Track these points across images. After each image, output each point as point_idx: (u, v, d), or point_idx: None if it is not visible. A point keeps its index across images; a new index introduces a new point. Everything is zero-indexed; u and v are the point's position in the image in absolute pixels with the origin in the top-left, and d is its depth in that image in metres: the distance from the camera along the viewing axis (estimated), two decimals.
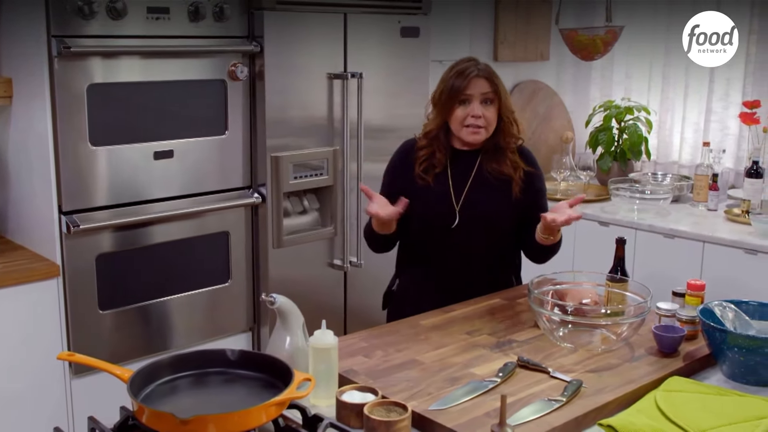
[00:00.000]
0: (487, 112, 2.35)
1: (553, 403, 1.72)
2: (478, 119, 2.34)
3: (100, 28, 2.70)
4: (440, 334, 2.13)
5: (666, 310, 2.15)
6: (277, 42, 3.11)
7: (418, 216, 2.43)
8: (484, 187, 2.39)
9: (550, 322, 2.07)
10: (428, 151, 2.42)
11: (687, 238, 3.43)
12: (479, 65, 2.37)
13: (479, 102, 2.34)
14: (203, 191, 3.08)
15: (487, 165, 2.41)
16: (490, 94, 2.35)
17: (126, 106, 2.83)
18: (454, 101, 2.35)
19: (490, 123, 2.36)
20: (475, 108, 2.34)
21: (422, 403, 1.71)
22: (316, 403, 1.77)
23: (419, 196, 2.41)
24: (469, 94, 2.33)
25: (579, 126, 4.43)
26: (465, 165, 2.43)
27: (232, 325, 3.24)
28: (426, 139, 2.44)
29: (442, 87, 2.38)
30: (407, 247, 2.54)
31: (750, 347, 1.89)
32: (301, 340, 1.85)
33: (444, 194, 2.41)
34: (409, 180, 2.44)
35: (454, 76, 2.35)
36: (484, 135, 2.37)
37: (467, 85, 2.33)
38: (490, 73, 2.36)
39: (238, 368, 1.74)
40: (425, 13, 3.59)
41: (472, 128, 2.35)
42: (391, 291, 2.58)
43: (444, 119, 2.40)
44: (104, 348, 2.86)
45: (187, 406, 1.61)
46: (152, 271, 2.99)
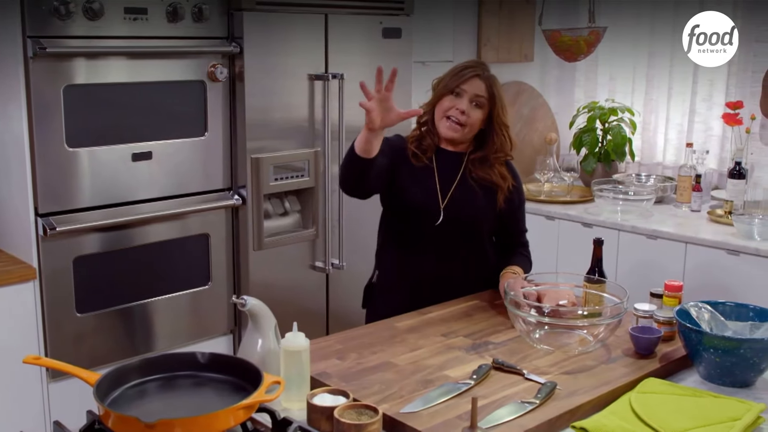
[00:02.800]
0: (472, 113, 2.35)
1: (526, 405, 1.71)
2: (461, 115, 2.34)
3: (76, 29, 2.68)
4: (416, 336, 2.11)
5: (643, 311, 2.14)
6: (257, 43, 3.09)
7: (403, 210, 2.43)
8: (469, 189, 2.40)
9: (526, 324, 2.06)
10: (418, 135, 2.44)
11: (669, 239, 3.42)
12: (485, 70, 2.39)
13: (469, 100, 2.34)
14: (183, 193, 3.05)
15: (475, 172, 2.41)
16: (482, 99, 2.35)
17: (103, 108, 2.80)
18: (448, 91, 2.36)
19: (471, 124, 2.37)
20: (463, 103, 2.34)
21: (394, 406, 1.69)
22: (288, 406, 1.75)
23: (405, 187, 2.40)
24: (463, 89, 2.35)
25: (563, 127, 4.42)
26: (451, 165, 2.43)
27: (213, 327, 3.22)
28: (418, 126, 2.46)
29: (443, 76, 2.41)
30: (388, 242, 2.53)
31: (726, 348, 1.88)
32: (273, 343, 1.83)
33: (430, 191, 2.40)
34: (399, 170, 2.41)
35: (457, 70, 2.38)
36: (461, 132, 2.37)
37: (465, 81, 2.35)
38: (492, 81, 2.38)
39: (207, 371, 1.72)
40: (407, 14, 3.57)
41: (452, 121, 2.36)
42: (372, 284, 2.57)
43: (434, 105, 2.41)
44: (82, 351, 2.84)
45: (155, 409, 1.59)
46: (131, 273, 2.96)
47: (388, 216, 2.50)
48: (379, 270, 2.56)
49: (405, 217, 2.44)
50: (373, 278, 2.59)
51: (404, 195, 2.41)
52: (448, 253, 2.43)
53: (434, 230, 2.39)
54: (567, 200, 3.96)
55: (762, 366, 1.90)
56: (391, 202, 2.46)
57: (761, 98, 3.79)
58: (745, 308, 2.05)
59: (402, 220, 2.45)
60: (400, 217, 2.45)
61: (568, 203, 3.93)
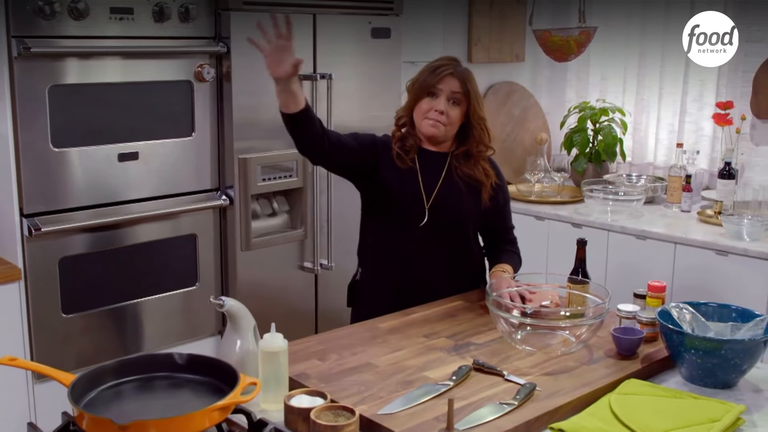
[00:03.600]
0: (451, 111, 2.35)
1: (504, 406, 1.70)
2: (440, 115, 2.34)
3: (61, 29, 2.68)
4: (398, 337, 2.10)
5: (626, 312, 2.13)
6: (245, 43, 3.03)
7: (387, 211, 2.43)
8: (454, 189, 2.39)
9: (508, 325, 2.05)
10: (401, 136, 2.44)
11: (659, 239, 3.41)
12: (458, 66, 2.39)
13: (446, 98, 2.35)
14: (170, 193, 3.05)
15: (459, 169, 2.41)
16: (458, 95, 2.35)
17: (89, 108, 2.80)
18: (424, 92, 2.36)
19: (451, 122, 2.37)
20: (441, 103, 2.34)
21: (372, 407, 1.69)
22: (266, 407, 1.74)
23: (389, 189, 2.40)
24: (439, 88, 2.34)
25: (554, 128, 4.42)
26: (434, 165, 2.42)
27: (200, 328, 3.21)
28: (398, 128, 2.46)
29: (417, 77, 2.41)
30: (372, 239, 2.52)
31: (707, 349, 1.87)
32: (252, 344, 1.82)
33: (414, 192, 2.40)
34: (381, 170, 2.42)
35: (430, 69, 2.37)
36: (442, 131, 2.37)
37: (440, 80, 2.34)
38: (466, 76, 2.37)
39: (185, 372, 1.72)
40: (397, 14, 3.57)
41: (432, 121, 2.36)
42: (355, 281, 2.57)
43: (412, 107, 2.41)
44: (68, 352, 2.84)
45: (131, 411, 1.59)
46: (118, 274, 2.96)
47: (372, 216, 2.49)
48: (363, 268, 2.55)
49: (390, 218, 2.43)
50: (356, 276, 2.58)
51: (389, 196, 2.40)
52: (433, 253, 2.42)
53: (419, 231, 2.38)
54: (557, 200, 3.95)
55: (743, 367, 1.89)
56: (375, 203, 2.46)
57: (751, 98, 3.78)
58: (727, 309, 2.05)
59: (387, 221, 2.44)
60: (385, 218, 2.44)
61: (558, 203, 3.92)
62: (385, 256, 2.47)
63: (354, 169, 2.43)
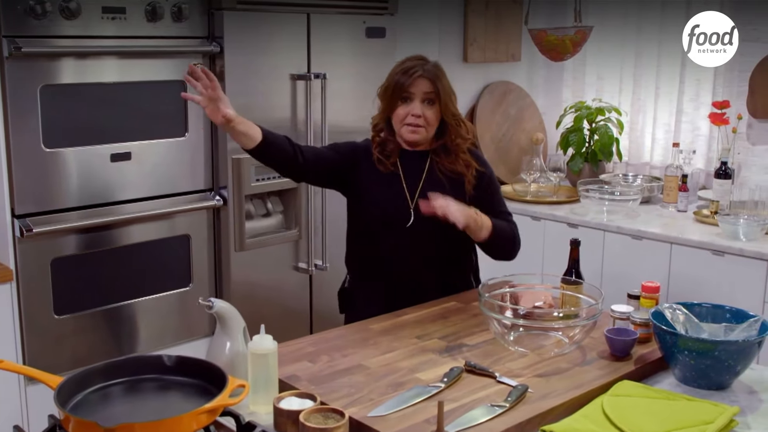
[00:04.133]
0: (428, 112, 2.34)
1: (496, 408, 1.69)
2: (417, 118, 2.33)
3: (53, 29, 2.66)
4: (390, 338, 2.09)
5: (620, 312, 2.12)
6: (238, 42, 3.07)
7: (373, 217, 2.42)
8: (437, 186, 2.37)
9: (501, 326, 2.04)
10: (379, 140, 2.43)
11: (655, 239, 3.40)
12: (426, 65, 2.36)
13: (420, 101, 2.33)
14: (163, 194, 3.03)
15: (439, 164, 2.39)
16: (431, 95, 2.34)
17: (81, 108, 2.78)
18: (397, 98, 2.34)
19: (430, 123, 2.35)
20: (416, 107, 2.33)
21: (362, 410, 1.67)
22: (256, 409, 1.73)
23: (373, 195, 2.40)
24: (411, 92, 2.33)
25: (551, 127, 4.40)
26: (416, 165, 2.41)
27: (194, 329, 3.20)
28: (376, 133, 2.45)
29: (387, 83, 2.39)
30: (359, 246, 2.51)
31: (700, 350, 1.86)
32: (242, 345, 1.80)
33: (398, 193, 2.38)
34: (364, 177, 2.42)
35: (399, 74, 2.35)
36: (423, 134, 2.36)
37: (411, 83, 2.32)
38: (435, 74, 2.35)
39: (173, 374, 1.70)
40: (392, 14, 3.55)
41: (411, 127, 2.35)
42: (344, 289, 2.55)
43: (387, 114, 2.40)
44: (61, 354, 2.82)
45: (118, 414, 1.57)
46: (110, 275, 2.94)
47: (358, 222, 2.48)
48: (351, 275, 2.54)
49: (376, 223, 2.42)
50: (345, 283, 2.57)
51: (373, 201, 2.40)
52: (422, 254, 2.41)
53: (407, 232, 2.37)
54: (553, 201, 3.94)
55: (737, 368, 1.88)
56: (359, 210, 2.46)
57: (748, 97, 3.77)
58: (721, 309, 2.03)
59: (373, 225, 2.42)
60: (371, 222, 2.43)
61: (554, 203, 3.91)
62: (373, 261, 2.46)
63: (336, 180, 2.47)
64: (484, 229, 2.28)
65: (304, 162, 2.34)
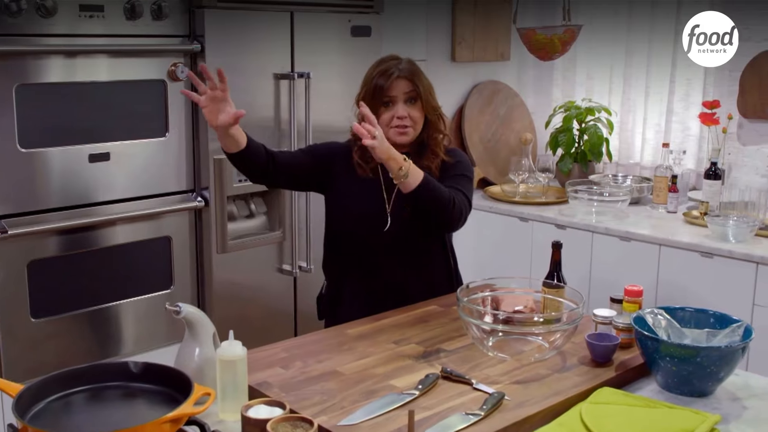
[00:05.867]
0: (412, 111, 2.31)
1: (470, 417, 1.64)
2: (403, 119, 2.29)
3: (28, 27, 2.61)
4: (366, 343, 2.04)
5: (602, 317, 2.07)
6: (220, 41, 3.02)
7: (348, 218, 2.38)
8: None
9: (479, 331, 1.99)
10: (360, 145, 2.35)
11: (643, 240, 3.36)
12: (401, 65, 2.33)
13: (403, 102, 2.29)
14: (143, 195, 2.98)
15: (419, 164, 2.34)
16: (412, 93, 2.30)
17: (58, 108, 2.73)
18: (378, 104, 2.30)
19: (416, 122, 2.32)
20: (400, 109, 2.29)
21: (333, 418, 1.63)
22: (224, 417, 1.69)
23: (349, 197, 2.36)
24: (392, 95, 2.29)
25: (541, 127, 4.36)
26: None
27: (176, 333, 3.11)
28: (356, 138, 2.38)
29: (365, 88, 2.34)
30: (336, 251, 2.47)
31: (682, 357, 1.81)
32: (212, 351, 1.76)
33: (375, 196, 2.34)
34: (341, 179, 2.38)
35: (376, 77, 2.31)
36: (412, 134, 2.33)
37: (390, 86, 2.28)
38: (412, 72, 2.31)
39: (139, 382, 1.66)
40: (377, 12, 3.50)
41: (398, 129, 2.30)
42: (322, 295, 2.51)
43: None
44: (38, 358, 2.77)
45: (78, 423, 1.53)
46: (89, 277, 2.89)
47: (335, 227, 2.44)
48: (328, 282, 2.50)
49: (353, 227, 2.38)
50: (323, 289, 2.53)
51: (349, 204, 2.37)
52: (399, 257, 2.37)
53: (384, 236, 2.32)
54: (542, 201, 3.89)
55: (720, 375, 1.84)
56: (336, 212, 2.42)
57: (738, 98, 3.73)
58: (704, 314, 1.99)
59: (350, 229, 2.39)
60: (348, 226, 2.39)
61: (543, 204, 3.86)
62: (350, 265, 2.42)
63: (311, 184, 2.46)
64: (411, 177, 2.13)
65: (274, 170, 2.30)
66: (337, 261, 2.46)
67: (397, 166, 2.11)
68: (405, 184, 2.14)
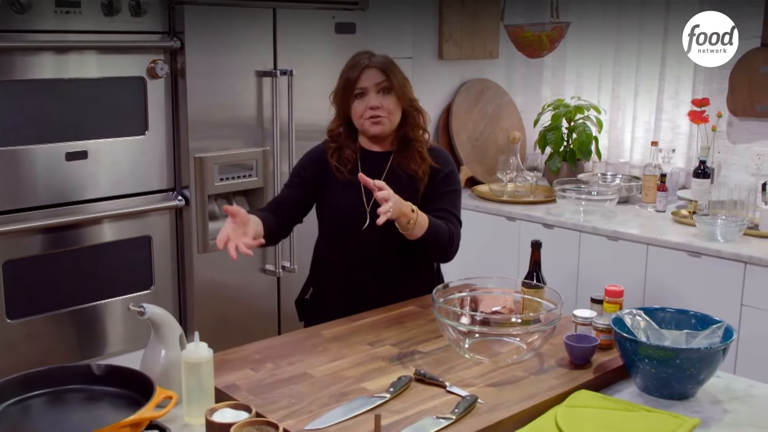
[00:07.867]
0: (385, 102, 2.27)
1: (441, 421, 1.60)
2: (376, 110, 2.26)
3: (2, 23, 2.56)
4: (340, 344, 2.00)
5: (582, 318, 2.03)
6: (200, 38, 2.97)
7: (329, 218, 2.37)
8: (395, 187, 2.27)
9: (455, 333, 1.95)
10: (336, 147, 2.36)
11: (631, 240, 3.32)
12: (372, 57, 2.31)
13: (375, 92, 2.26)
14: (122, 194, 2.93)
15: (401, 164, 2.32)
16: (384, 83, 2.27)
17: (33, 105, 2.68)
18: (350, 95, 2.28)
19: (391, 112, 2.29)
20: (372, 99, 2.26)
21: (300, 422, 1.58)
22: (190, 421, 1.65)
23: (330, 197, 2.34)
24: (363, 86, 2.26)
25: (530, 126, 4.32)
26: (376, 165, 2.33)
27: None
28: (332, 140, 2.36)
29: (338, 84, 2.33)
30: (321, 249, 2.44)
31: (661, 359, 1.77)
32: (178, 353, 1.72)
33: (356, 196, 2.30)
34: (321, 181, 2.37)
35: (347, 70, 2.30)
36: (388, 125, 2.29)
37: (359, 77, 2.26)
38: (384, 63, 2.29)
39: (102, 384, 1.61)
40: (362, 9, 3.46)
41: (372, 119, 2.27)
42: (304, 299, 2.48)
43: (345, 116, 2.33)
44: (13, 360, 2.71)
45: (38, 428, 1.49)
46: (67, 278, 2.84)
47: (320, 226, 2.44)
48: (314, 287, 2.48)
49: (333, 226, 2.38)
50: (306, 295, 2.50)
51: (331, 204, 2.36)
52: (379, 257, 2.33)
53: (363, 235, 2.29)
54: (530, 200, 3.85)
55: (700, 377, 1.80)
56: (322, 212, 2.42)
57: (728, 95, 3.69)
58: (685, 315, 1.95)
59: (332, 228, 2.38)
60: (331, 225, 2.39)
61: (531, 203, 3.82)
62: (332, 263, 2.39)
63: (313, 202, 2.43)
64: (418, 228, 2.15)
65: (284, 226, 2.37)
66: (321, 259, 2.45)
67: (407, 220, 2.11)
68: (412, 234, 2.15)
